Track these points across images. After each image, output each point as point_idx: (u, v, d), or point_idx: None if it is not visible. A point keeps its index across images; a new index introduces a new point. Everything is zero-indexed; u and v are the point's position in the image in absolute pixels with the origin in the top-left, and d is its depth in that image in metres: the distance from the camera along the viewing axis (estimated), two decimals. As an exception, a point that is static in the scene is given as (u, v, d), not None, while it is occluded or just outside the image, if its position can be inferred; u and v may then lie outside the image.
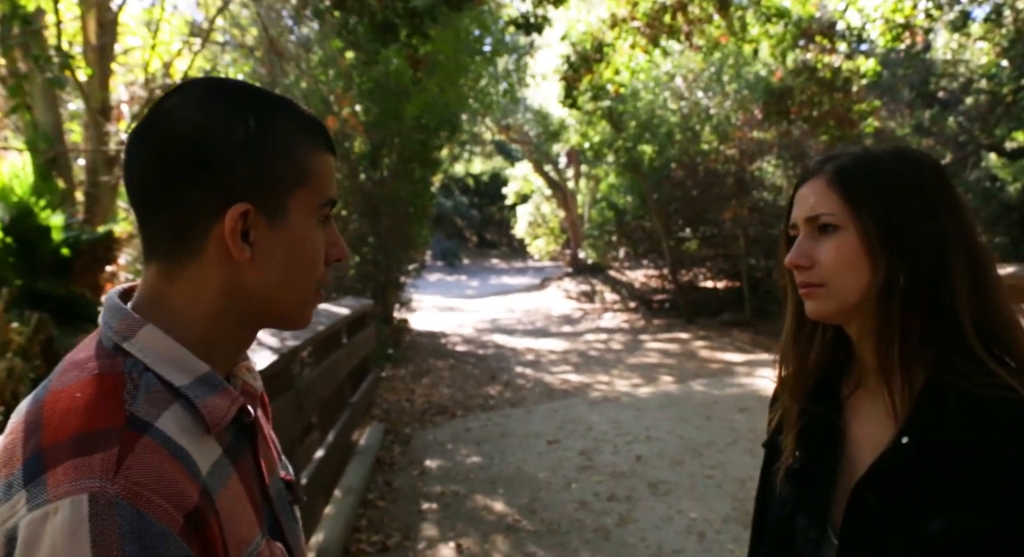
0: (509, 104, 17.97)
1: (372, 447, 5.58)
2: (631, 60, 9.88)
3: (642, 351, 10.32)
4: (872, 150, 0.98)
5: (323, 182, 0.78)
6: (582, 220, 20.39)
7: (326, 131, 0.80)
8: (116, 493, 0.60)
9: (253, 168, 0.73)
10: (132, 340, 0.71)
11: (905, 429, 0.90)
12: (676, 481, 4.75)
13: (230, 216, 0.71)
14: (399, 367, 9.32)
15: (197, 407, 0.71)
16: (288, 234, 0.75)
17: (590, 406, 6.99)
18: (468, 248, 36.80)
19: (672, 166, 12.80)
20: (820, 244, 0.95)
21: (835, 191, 0.94)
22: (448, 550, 3.91)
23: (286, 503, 0.88)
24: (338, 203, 0.84)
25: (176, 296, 0.74)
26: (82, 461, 0.61)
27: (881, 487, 0.89)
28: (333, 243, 0.80)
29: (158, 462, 0.64)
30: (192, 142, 0.72)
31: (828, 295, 0.94)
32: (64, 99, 7.64)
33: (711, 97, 12.06)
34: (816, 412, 1.00)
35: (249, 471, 0.79)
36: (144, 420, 0.66)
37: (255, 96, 0.76)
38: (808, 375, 1.03)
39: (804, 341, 1.03)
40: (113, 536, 0.58)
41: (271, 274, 0.75)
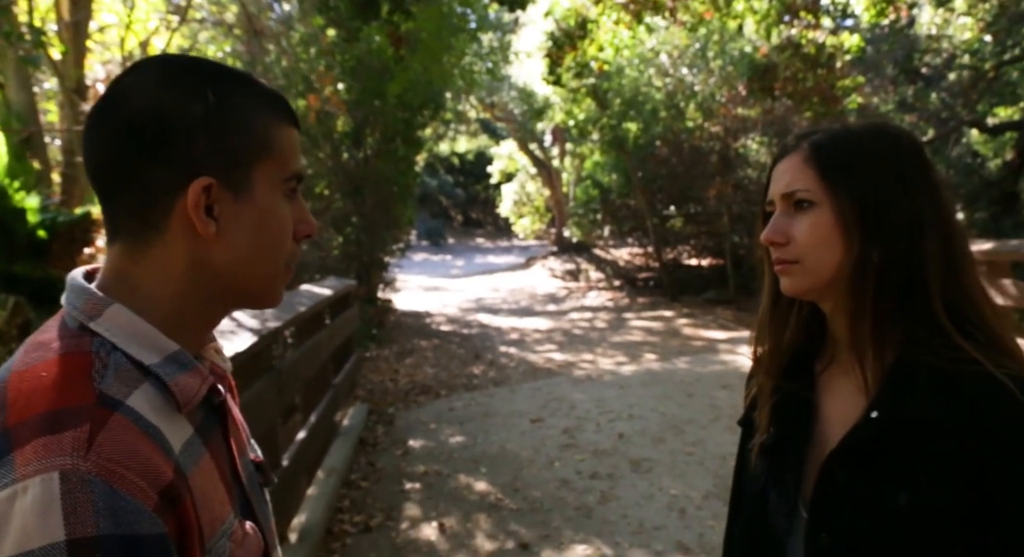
0: (493, 82, 17.83)
1: (355, 428, 5.58)
2: (615, 36, 9.81)
3: (626, 329, 10.35)
4: (850, 127, 0.97)
5: (287, 155, 0.77)
6: (567, 199, 20.35)
7: (288, 105, 0.79)
8: (88, 470, 0.59)
9: (214, 142, 0.72)
10: (99, 320, 0.70)
11: (875, 404, 0.90)
12: (658, 458, 4.78)
13: (192, 190, 0.70)
14: (383, 347, 9.31)
15: (168, 385, 0.70)
16: (254, 208, 0.74)
17: (574, 385, 7.02)
18: (453, 227, 36.68)
19: (657, 144, 12.77)
20: (796, 221, 0.95)
21: (811, 167, 0.94)
22: (431, 529, 3.93)
23: (256, 485, 0.88)
24: (321, 182, 0.83)
25: (142, 275, 0.73)
26: (52, 439, 0.60)
27: (850, 461, 0.90)
28: (301, 219, 0.79)
29: (131, 439, 0.63)
30: (150, 119, 0.71)
31: (803, 272, 0.94)
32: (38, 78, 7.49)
33: (696, 74, 12.02)
34: (790, 388, 1.01)
35: (220, 451, 0.78)
36: (115, 398, 0.65)
37: (213, 71, 0.75)
38: (783, 352, 1.03)
39: (779, 318, 1.04)
40: (87, 513, 0.57)
41: (238, 249, 0.74)
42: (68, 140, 6.75)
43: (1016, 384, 0.84)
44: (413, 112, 10.27)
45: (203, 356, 0.83)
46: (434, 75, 8.72)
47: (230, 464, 0.80)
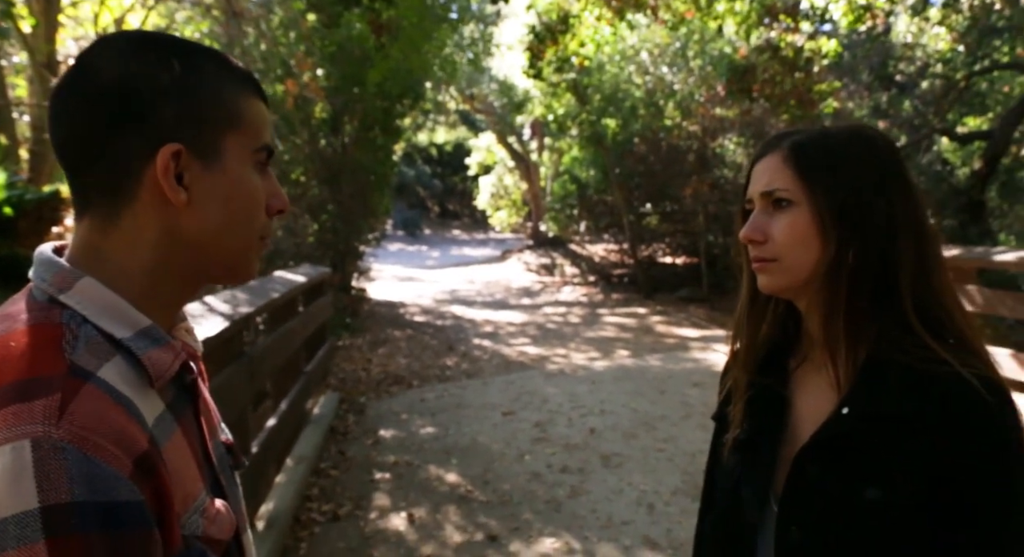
0: (474, 73, 17.78)
1: (326, 416, 5.56)
2: (596, 32, 9.81)
3: (600, 325, 10.40)
4: (829, 129, 0.99)
5: (256, 127, 0.76)
6: (544, 193, 20.37)
7: (254, 78, 0.79)
8: (61, 437, 0.57)
9: (182, 109, 0.71)
10: (69, 292, 0.70)
11: (846, 401, 0.92)
12: (628, 454, 4.81)
13: (161, 155, 0.70)
14: (356, 336, 9.27)
15: (140, 359, 0.70)
16: (224, 177, 0.74)
17: (546, 379, 7.04)
18: (430, 218, 36.54)
19: (635, 141, 12.82)
20: (774, 219, 0.96)
21: (790, 167, 0.95)
22: (400, 520, 3.92)
23: (227, 466, 0.87)
24: (297, 169, 0.82)
25: (112, 249, 0.72)
26: (22, 407, 0.58)
27: (821, 457, 0.92)
28: (274, 193, 0.79)
29: (103, 408, 0.62)
30: (117, 90, 0.70)
31: (780, 270, 0.96)
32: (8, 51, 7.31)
33: (675, 73, 12.08)
34: (764, 384, 1.02)
35: (191, 429, 0.78)
36: (86, 369, 0.64)
37: (179, 44, 0.75)
38: (758, 348, 1.05)
39: (756, 315, 1.05)
40: (61, 479, 0.56)
41: (210, 218, 0.73)
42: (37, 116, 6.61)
43: (983, 384, 0.86)
44: (392, 101, 10.21)
45: (174, 335, 0.81)
46: (414, 64, 8.67)
47: (201, 444, 0.80)
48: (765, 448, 0.99)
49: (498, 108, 20.20)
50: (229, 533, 0.76)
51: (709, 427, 1.16)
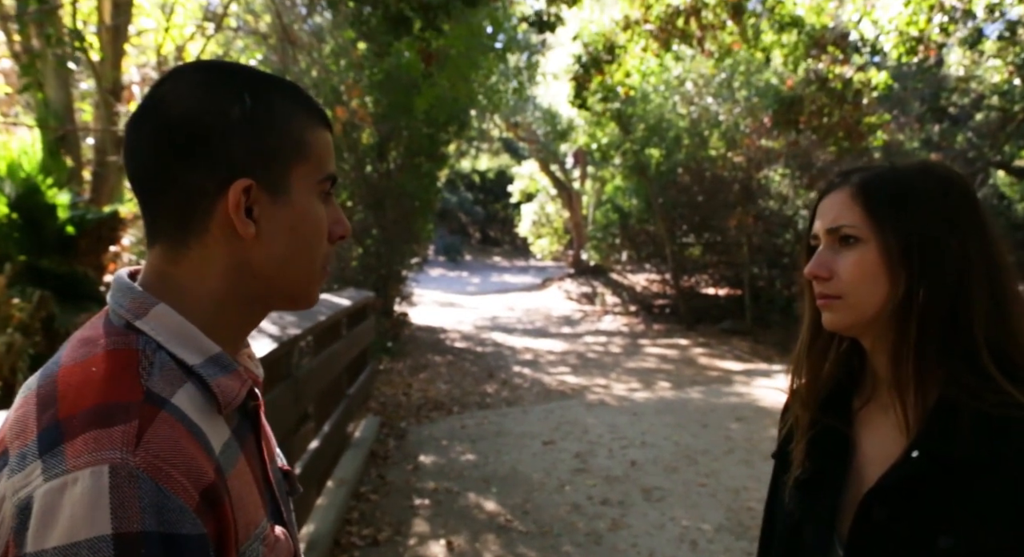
0: (518, 102, 17.93)
1: (367, 440, 5.58)
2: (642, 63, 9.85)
3: (641, 355, 10.30)
4: (898, 165, 0.98)
5: (322, 157, 0.77)
6: (586, 221, 20.36)
7: (321, 108, 0.80)
8: (137, 465, 0.59)
9: (251, 144, 0.72)
10: (144, 318, 0.71)
11: (916, 443, 0.89)
12: (670, 488, 4.73)
13: (233, 191, 0.71)
14: (397, 361, 9.32)
15: (210, 386, 0.71)
16: (291, 209, 0.75)
17: (587, 408, 6.98)
18: (471, 244, 36.75)
19: (679, 171, 12.77)
20: (840, 256, 0.95)
21: (858, 204, 0.94)
22: (439, 547, 3.90)
23: (284, 493, 0.88)
24: (343, 193, 0.84)
25: (182, 277, 0.74)
26: (102, 433, 0.60)
27: (889, 500, 0.89)
28: (336, 220, 0.80)
29: (177, 437, 0.63)
30: (189, 123, 0.72)
31: (845, 307, 0.94)
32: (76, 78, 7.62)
33: (721, 103, 12.04)
34: (827, 423, 1.00)
35: (254, 456, 0.79)
36: (161, 396, 0.66)
37: (248, 75, 0.76)
38: (821, 386, 1.02)
39: (819, 352, 1.03)
40: (134, 508, 0.58)
41: (276, 250, 0.75)
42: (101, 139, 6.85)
43: None
44: (438, 128, 10.35)
45: (239, 362, 0.82)
46: (460, 93, 8.78)
47: (262, 470, 0.81)
48: (828, 489, 0.97)
49: (541, 136, 20.32)
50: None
51: (753, 463, 1.14)
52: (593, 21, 9.87)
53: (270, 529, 0.76)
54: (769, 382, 8.08)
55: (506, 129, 21.13)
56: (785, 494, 1.03)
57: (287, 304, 0.80)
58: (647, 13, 9.51)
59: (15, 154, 6.19)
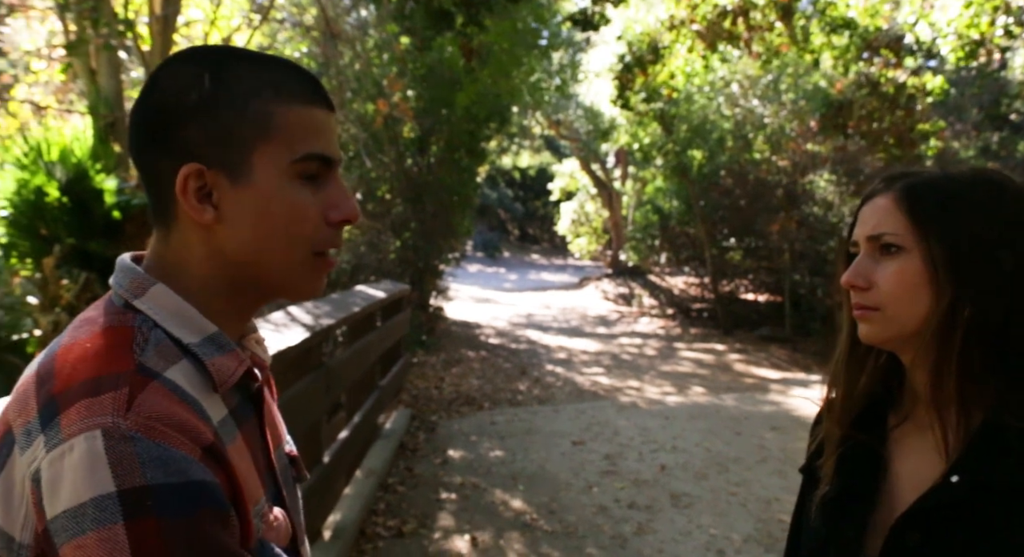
0: (561, 99, 17.87)
1: (397, 432, 5.60)
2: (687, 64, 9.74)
3: (676, 359, 10.20)
4: (951, 171, 0.92)
5: (293, 137, 0.73)
6: (626, 222, 20.22)
7: (304, 83, 0.75)
8: (129, 427, 0.60)
9: (206, 128, 0.71)
10: (142, 298, 0.72)
11: (956, 468, 0.84)
12: (699, 495, 4.67)
13: (180, 176, 0.71)
14: (431, 354, 9.35)
15: (205, 365, 0.71)
16: (254, 193, 0.72)
17: (618, 410, 6.92)
18: (509, 241, 36.78)
19: (721, 173, 12.60)
20: (880, 265, 0.90)
21: (902, 210, 0.89)
22: (463, 542, 3.89)
23: (289, 478, 0.87)
24: (383, 186, 0.80)
25: (173, 260, 0.75)
26: (93, 401, 0.61)
27: (924, 526, 0.85)
28: (335, 203, 0.76)
29: (168, 403, 0.64)
30: (154, 109, 0.73)
31: (883, 320, 0.89)
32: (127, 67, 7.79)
33: (766, 105, 11.84)
34: (859, 440, 0.95)
35: (254, 438, 0.78)
36: (153, 369, 0.66)
37: (218, 56, 0.74)
38: (855, 400, 0.97)
39: (855, 364, 0.98)
40: (133, 464, 0.58)
41: (244, 236, 0.73)
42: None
43: None
44: (479, 124, 10.35)
45: (244, 345, 0.83)
46: (502, 89, 8.77)
47: (264, 452, 0.80)
48: (856, 509, 0.93)
49: (583, 135, 20.24)
50: (285, 541, 0.77)
51: (786, 474, 1.10)
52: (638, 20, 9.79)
53: (268, 508, 0.75)
54: (807, 392, 7.92)
55: (548, 126, 21.08)
56: (812, 511, 0.99)
57: (280, 291, 0.78)
58: (693, 13, 9.40)
59: (68, 140, 6.34)
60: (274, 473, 0.82)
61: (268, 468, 0.80)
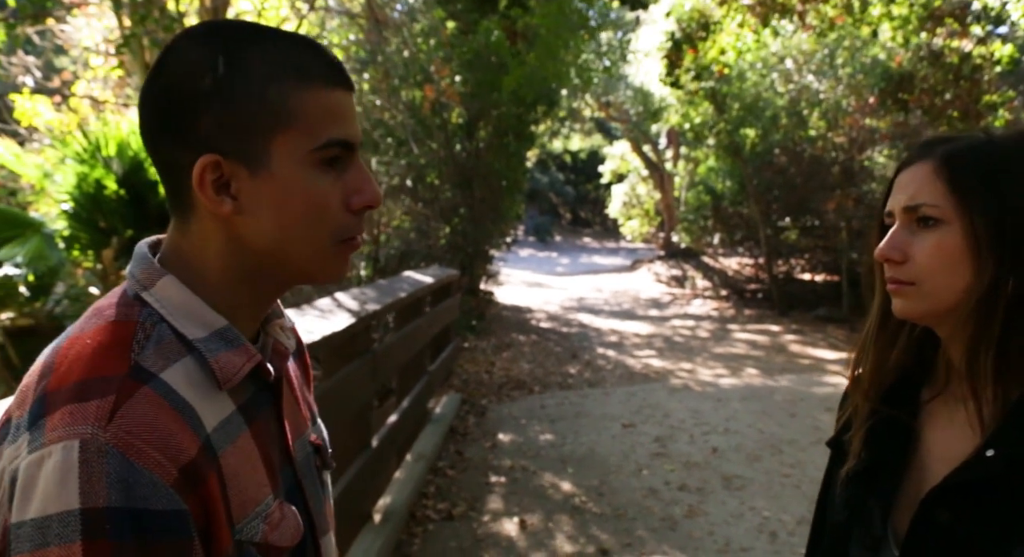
0: (610, 81, 17.66)
1: (447, 416, 5.65)
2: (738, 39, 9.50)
3: (729, 341, 10.04)
4: (995, 136, 0.86)
5: (313, 122, 0.70)
6: (678, 203, 19.94)
7: (325, 64, 0.72)
8: (107, 441, 0.59)
9: (222, 116, 0.68)
10: (151, 290, 0.71)
11: (991, 442, 0.80)
12: (751, 477, 4.59)
13: (196, 169, 0.68)
14: (482, 339, 9.40)
15: (208, 362, 0.69)
16: (273, 182, 0.70)
17: (670, 392, 6.85)
18: (561, 225, 36.66)
19: (775, 152, 12.29)
20: (917, 238, 0.85)
21: (942, 179, 0.84)
22: (512, 525, 3.91)
23: (312, 467, 0.86)
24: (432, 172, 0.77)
25: (189, 250, 0.73)
26: (78, 407, 0.61)
27: (955, 502, 0.81)
28: (356, 189, 0.73)
29: (154, 413, 0.62)
30: (166, 96, 0.69)
31: (918, 295, 0.85)
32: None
33: (822, 81, 11.48)
34: (888, 413, 0.91)
35: (267, 431, 0.77)
36: (149, 371, 0.65)
37: (232, 37, 0.70)
38: (886, 373, 0.93)
39: (887, 338, 0.94)
40: (100, 483, 0.58)
41: (264, 226, 0.71)
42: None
43: None
44: (526, 107, 10.30)
45: (268, 332, 0.81)
46: (549, 71, 8.69)
47: (280, 444, 0.79)
48: (883, 483, 0.89)
49: (633, 116, 19.98)
50: (294, 540, 0.74)
51: (842, 457, 1.05)
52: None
53: (276, 506, 0.74)
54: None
55: (598, 108, 20.88)
56: (838, 487, 0.96)
57: (303, 278, 0.77)
58: (745, -14, 9.16)
59: (124, 134, 6.52)
60: (292, 465, 0.80)
61: (285, 461, 0.79)
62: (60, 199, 5.79)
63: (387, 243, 9.49)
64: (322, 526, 0.85)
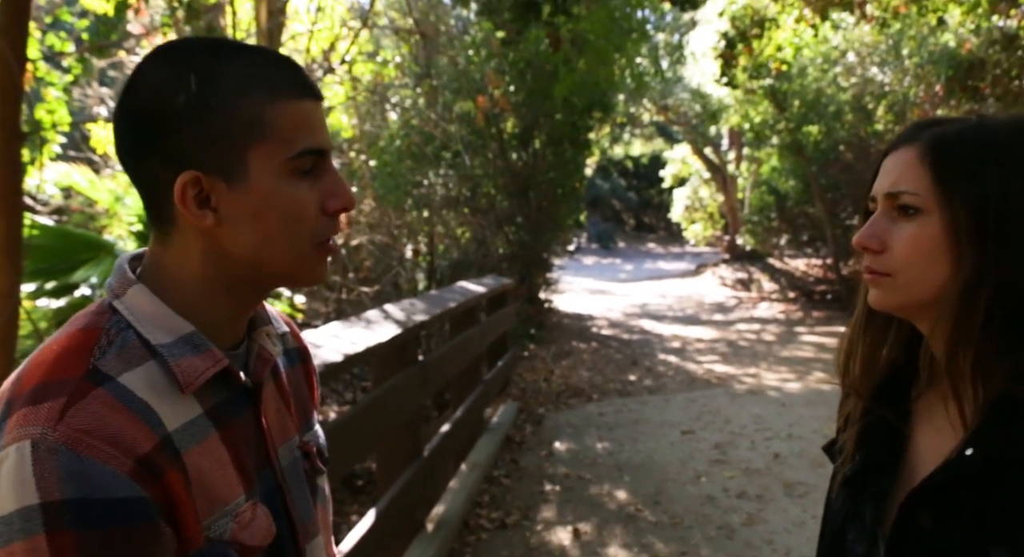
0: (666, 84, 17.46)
1: (504, 425, 5.65)
2: (796, 35, 9.26)
3: (796, 344, 9.77)
4: (988, 119, 0.81)
5: (287, 133, 0.72)
6: (741, 205, 19.55)
7: (294, 76, 0.74)
8: (56, 439, 0.62)
9: (198, 132, 0.71)
10: (122, 298, 0.74)
11: (971, 441, 0.76)
12: (815, 483, 4.45)
13: (177, 186, 0.71)
14: (541, 347, 9.38)
15: (170, 365, 0.71)
16: (252, 194, 0.72)
17: (731, 398, 6.70)
18: (624, 231, 36.35)
19: (840, 148, 11.93)
20: (897, 227, 0.81)
21: (925, 166, 0.79)
22: (566, 533, 3.88)
23: (300, 472, 0.87)
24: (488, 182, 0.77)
25: (168, 261, 0.76)
26: (31, 410, 0.64)
27: (936, 503, 0.77)
28: (331, 193, 0.76)
29: (104, 411, 0.65)
30: (141, 115, 0.72)
31: (894, 287, 0.81)
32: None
33: (887, 72, 11.10)
34: (880, 413, 0.87)
35: (242, 434, 0.78)
36: (105, 374, 0.68)
37: (203, 54, 0.73)
38: (876, 370, 0.89)
39: (875, 331, 0.90)
40: (53, 479, 0.61)
41: (245, 236, 0.73)
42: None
43: None
44: (580, 114, 10.26)
45: (253, 339, 0.83)
46: (600, 77, 8.64)
47: (258, 448, 0.80)
48: (875, 486, 0.85)
49: (692, 118, 19.70)
50: (264, 540, 0.76)
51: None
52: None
53: (248, 507, 0.75)
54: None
55: (656, 112, 20.66)
56: (834, 488, 0.92)
57: (285, 282, 0.80)
58: (800, -20, 8.93)
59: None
60: (273, 469, 0.81)
61: (264, 464, 0.80)
62: (130, 221, 6.03)
63: (443, 254, 9.58)
64: (309, 530, 0.86)
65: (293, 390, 0.91)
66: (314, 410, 0.97)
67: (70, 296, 5.18)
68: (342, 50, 7.33)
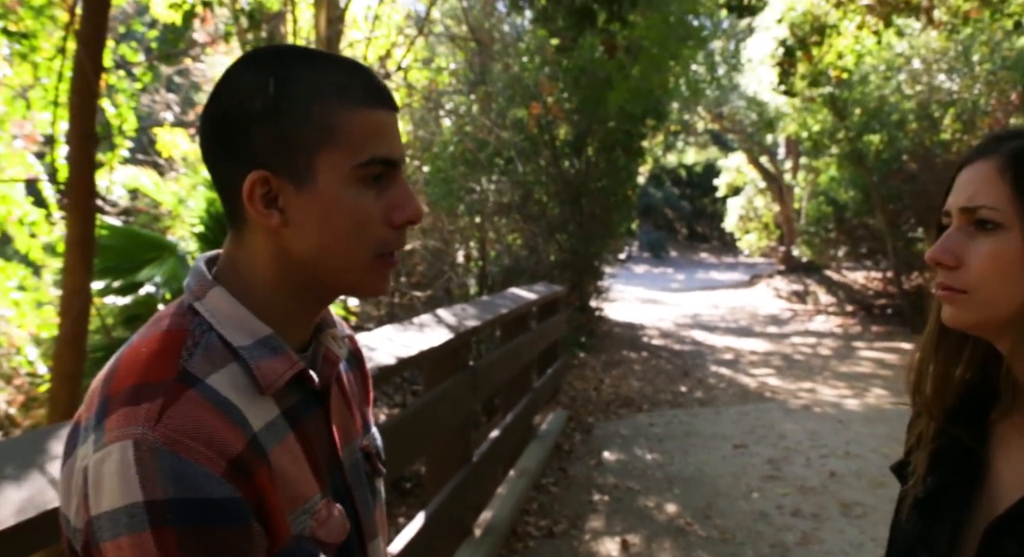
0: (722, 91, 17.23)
1: (552, 433, 5.63)
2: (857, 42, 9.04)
3: (854, 359, 9.51)
4: None
5: (358, 140, 0.74)
6: (798, 215, 19.15)
7: (366, 85, 0.76)
8: (156, 440, 0.64)
9: (272, 134, 0.73)
10: (203, 301, 0.76)
11: None
12: (873, 504, 4.31)
13: (246, 184, 0.73)
14: (592, 356, 9.32)
15: (251, 368, 0.73)
16: (318, 198, 0.74)
17: (786, 413, 6.55)
18: (677, 240, 35.93)
19: (903, 158, 11.59)
20: (974, 242, 0.78)
21: (1005, 180, 0.77)
22: (613, 544, 3.84)
23: (362, 473, 0.88)
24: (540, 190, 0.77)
25: (241, 261, 0.78)
26: (131, 410, 0.66)
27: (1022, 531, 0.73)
28: (398, 204, 0.77)
29: (199, 413, 0.67)
30: (222, 117, 0.75)
31: (970, 304, 0.78)
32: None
33: (955, 80, 10.75)
34: (955, 434, 0.83)
35: (315, 435, 0.80)
36: (195, 375, 0.70)
37: (281, 58, 0.75)
38: (950, 390, 0.85)
39: (949, 349, 0.86)
40: (157, 478, 0.63)
41: (309, 239, 0.75)
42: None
43: None
44: (634, 122, 10.19)
45: (320, 341, 0.84)
46: (654, 84, 8.58)
47: (329, 449, 0.81)
48: (948, 511, 0.81)
49: (748, 126, 19.40)
50: (339, 537, 0.78)
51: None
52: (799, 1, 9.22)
53: (323, 505, 0.77)
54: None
55: (711, 120, 20.42)
56: (904, 512, 0.88)
57: (345, 290, 0.80)
58: (864, -14, 8.73)
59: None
60: (341, 469, 0.83)
61: (334, 464, 0.82)
62: (192, 222, 6.20)
63: (495, 260, 9.61)
64: (370, 530, 0.88)
65: (352, 392, 0.92)
66: (370, 413, 0.99)
67: (135, 294, 5.34)
68: (398, 57, 7.43)
